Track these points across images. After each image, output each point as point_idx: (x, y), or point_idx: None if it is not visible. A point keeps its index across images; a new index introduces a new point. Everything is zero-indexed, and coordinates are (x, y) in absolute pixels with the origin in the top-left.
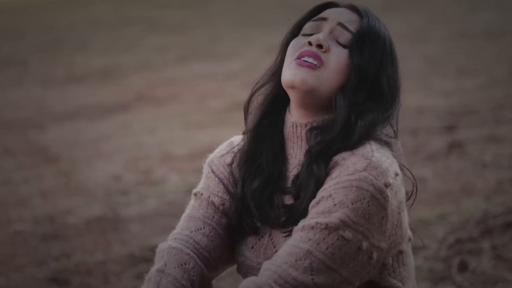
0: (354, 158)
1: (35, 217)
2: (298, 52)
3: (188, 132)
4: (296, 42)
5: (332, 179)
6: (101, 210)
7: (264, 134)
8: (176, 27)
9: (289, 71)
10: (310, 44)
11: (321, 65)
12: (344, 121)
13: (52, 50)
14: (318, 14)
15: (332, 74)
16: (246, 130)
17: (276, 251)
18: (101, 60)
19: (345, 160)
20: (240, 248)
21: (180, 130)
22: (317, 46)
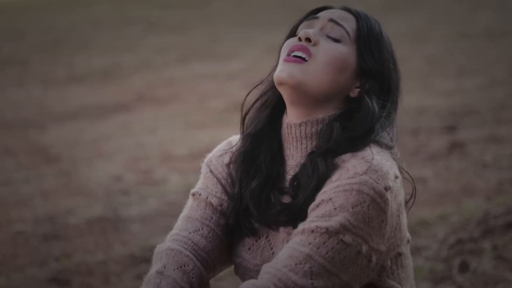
0: (354, 161)
1: (36, 217)
2: (288, 49)
3: (188, 132)
4: (287, 42)
5: (332, 182)
6: (101, 210)
7: (262, 136)
8: (176, 27)
9: (278, 69)
10: (300, 39)
11: (308, 57)
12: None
13: (52, 50)
14: None
15: (320, 67)
16: (245, 132)
17: (273, 253)
18: (101, 60)
19: (345, 162)
20: (237, 249)
21: (180, 130)
22: (305, 39)
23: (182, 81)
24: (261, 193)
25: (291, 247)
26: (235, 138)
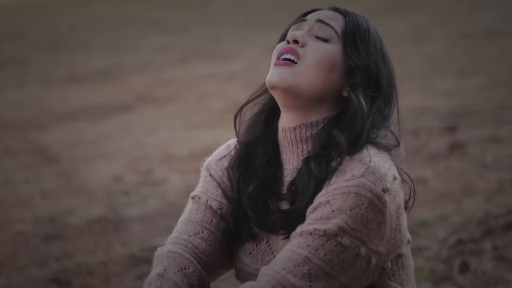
0: (352, 164)
1: (36, 217)
2: (278, 53)
3: (189, 132)
4: (277, 46)
5: (330, 185)
6: (102, 211)
7: (258, 140)
8: (177, 28)
9: (269, 73)
10: (288, 42)
11: (297, 59)
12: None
13: (52, 51)
14: None
15: (310, 68)
16: (240, 137)
17: (274, 257)
18: (101, 60)
19: (343, 165)
20: (238, 254)
21: (181, 131)
22: (293, 42)
23: (182, 81)
24: (258, 197)
25: (290, 250)
26: (234, 142)
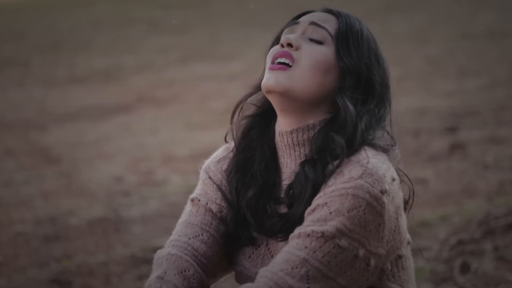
0: (349, 165)
1: (37, 218)
2: (272, 57)
3: (189, 133)
4: (271, 50)
5: (328, 187)
6: (102, 211)
7: (253, 145)
8: (177, 28)
9: (264, 78)
10: (282, 46)
11: (292, 62)
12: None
13: (53, 51)
14: None
15: (305, 71)
16: (235, 141)
17: None
18: (102, 61)
19: (340, 167)
20: (238, 257)
21: (181, 131)
22: (287, 45)
23: (182, 82)
24: (257, 202)
25: (288, 251)
26: (232, 144)
